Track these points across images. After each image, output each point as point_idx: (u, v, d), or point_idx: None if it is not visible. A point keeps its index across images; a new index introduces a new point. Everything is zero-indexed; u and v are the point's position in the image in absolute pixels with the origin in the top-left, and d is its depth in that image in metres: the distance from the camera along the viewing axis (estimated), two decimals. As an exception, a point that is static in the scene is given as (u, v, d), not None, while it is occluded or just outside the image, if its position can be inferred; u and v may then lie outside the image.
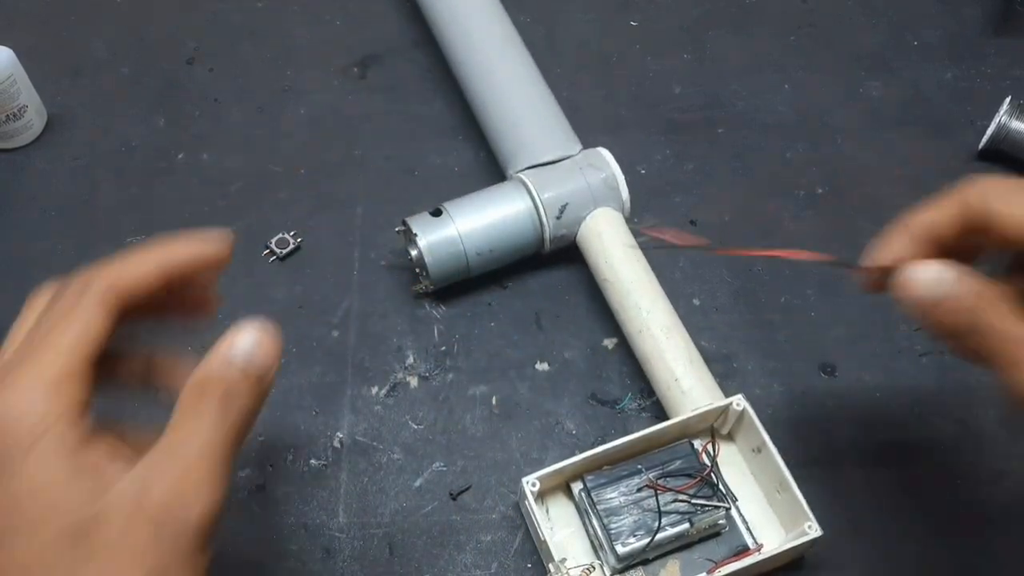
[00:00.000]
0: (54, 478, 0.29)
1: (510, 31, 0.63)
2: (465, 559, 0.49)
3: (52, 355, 0.31)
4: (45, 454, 0.30)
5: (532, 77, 0.61)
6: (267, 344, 0.33)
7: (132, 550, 0.29)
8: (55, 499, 0.29)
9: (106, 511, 0.29)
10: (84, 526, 0.29)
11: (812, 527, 0.45)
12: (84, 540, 0.29)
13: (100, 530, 0.29)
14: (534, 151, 0.57)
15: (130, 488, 0.30)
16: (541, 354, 0.55)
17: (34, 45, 0.68)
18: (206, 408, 0.32)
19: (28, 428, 0.30)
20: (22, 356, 0.32)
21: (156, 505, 0.30)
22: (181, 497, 0.30)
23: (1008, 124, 0.62)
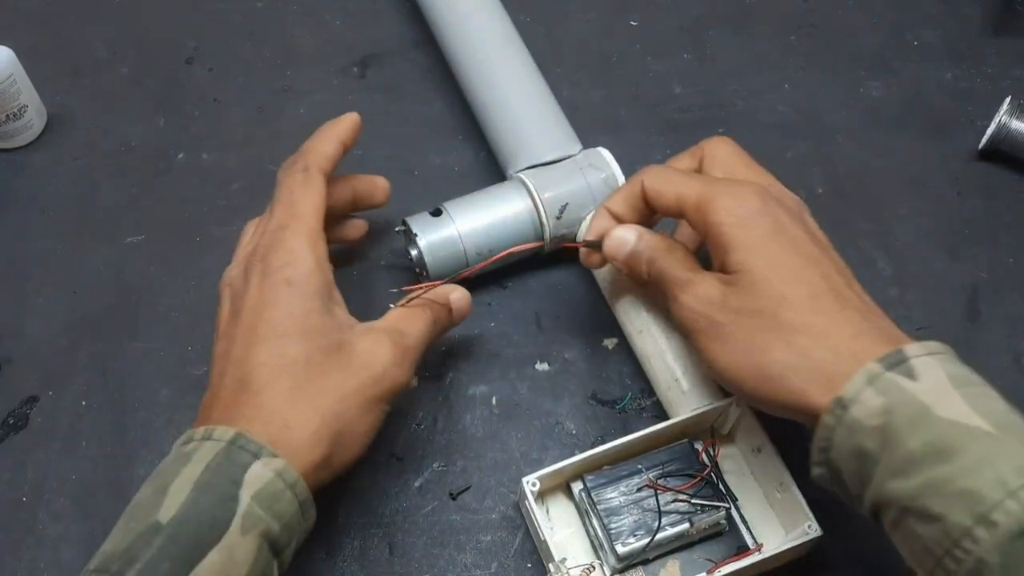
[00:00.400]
0: (318, 307, 0.44)
1: (510, 31, 0.63)
2: (465, 559, 0.49)
3: (304, 219, 0.46)
4: (313, 293, 0.44)
5: (532, 77, 0.61)
6: (466, 301, 0.50)
7: (369, 376, 0.43)
8: (317, 323, 0.44)
9: (353, 344, 0.44)
10: (337, 345, 0.44)
11: (812, 527, 0.45)
12: (337, 354, 0.43)
13: (348, 354, 0.44)
14: (534, 151, 0.57)
15: (368, 336, 0.45)
16: (541, 354, 0.55)
17: (34, 45, 0.68)
18: (425, 320, 0.47)
19: (308, 275, 0.44)
20: (283, 222, 0.46)
21: (385, 359, 0.44)
22: (398, 364, 0.45)
23: (1008, 124, 0.62)
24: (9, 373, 0.55)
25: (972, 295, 0.58)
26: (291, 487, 0.40)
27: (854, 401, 0.38)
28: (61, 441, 0.52)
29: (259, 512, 0.39)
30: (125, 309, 0.58)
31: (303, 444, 0.41)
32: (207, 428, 0.41)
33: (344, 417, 0.42)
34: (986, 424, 0.36)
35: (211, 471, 0.39)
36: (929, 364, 0.38)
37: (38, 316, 0.57)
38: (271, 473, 0.39)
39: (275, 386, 0.42)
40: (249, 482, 0.39)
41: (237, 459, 0.39)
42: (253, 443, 0.40)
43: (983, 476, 0.35)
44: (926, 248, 0.60)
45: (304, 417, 0.41)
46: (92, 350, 0.56)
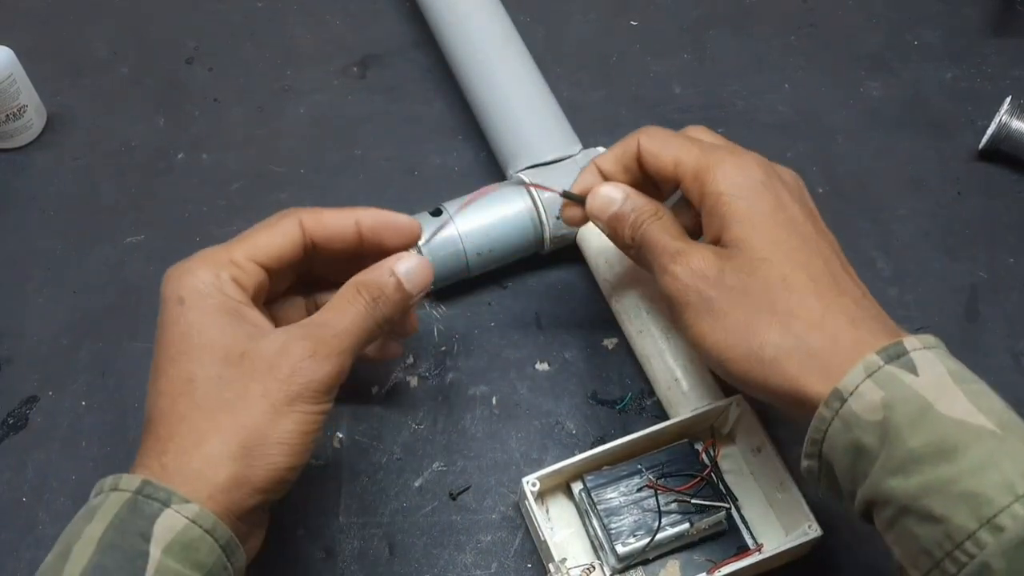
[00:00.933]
0: (216, 322, 0.40)
1: (510, 31, 0.63)
2: (465, 559, 0.49)
3: (242, 245, 0.42)
4: (211, 308, 0.40)
5: (532, 77, 0.61)
6: (424, 271, 0.44)
7: (274, 378, 0.39)
8: (216, 336, 0.39)
9: (258, 348, 0.39)
10: (239, 354, 0.39)
11: (812, 527, 0.45)
12: (238, 363, 0.39)
13: (251, 359, 0.39)
14: (534, 151, 0.57)
15: (280, 337, 0.40)
16: (541, 354, 0.55)
17: (34, 45, 0.68)
18: (358, 301, 0.42)
19: (202, 290, 0.40)
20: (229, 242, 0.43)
21: (295, 355, 0.39)
22: (313, 358, 0.39)
23: (1008, 124, 0.62)
24: (9, 373, 0.55)
25: (971, 295, 0.58)
26: (210, 532, 0.37)
27: (852, 394, 0.37)
28: (61, 441, 0.52)
29: (174, 566, 0.35)
30: (125, 309, 0.58)
31: (209, 466, 0.37)
32: (115, 477, 0.38)
33: (251, 427, 0.38)
34: (989, 423, 0.35)
35: (115, 528, 0.36)
36: (929, 358, 0.37)
37: (38, 316, 0.57)
38: (184, 521, 0.36)
39: (172, 413, 0.39)
40: (159, 535, 0.35)
41: (144, 511, 0.36)
42: (162, 490, 0.36)
43: (989, 478, 0.33)
44: (926, 248, 0.60)
45: (201, 438, 0.38)
46: (92, 350, 0.56)
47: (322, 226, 0.44)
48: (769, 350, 0.39)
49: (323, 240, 0.44)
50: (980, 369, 0.39)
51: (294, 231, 0.43)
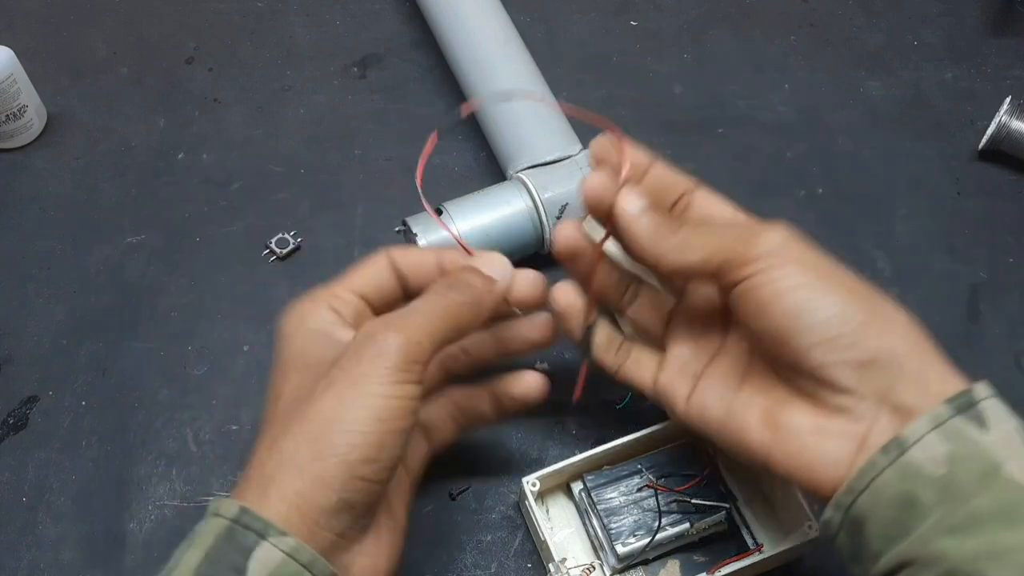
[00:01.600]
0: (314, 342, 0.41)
1: (510, 32, 0.63)
2: (465, 559, 0.49)
3: (341, 281, 0.44)
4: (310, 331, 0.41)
5: (532, 77, 0.61)
6: (502, 262, 0.45)
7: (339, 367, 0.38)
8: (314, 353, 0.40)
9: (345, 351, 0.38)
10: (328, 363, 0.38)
11: (812, 527, 0.45)
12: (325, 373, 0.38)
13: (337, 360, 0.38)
14: (534, 151, 0.57)
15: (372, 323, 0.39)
16: (541, 354, 0.55)
17: (34, 45, 0.68)
18: (432, 288, 0.42)
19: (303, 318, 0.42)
20: (334, 284, 0.44)
21: (358, 339, 0.39)
22: (375, 336, 0.38)
23: (1008, 124, 0.62)
24: (9, 373, 0.55)
25: (972, 295, 0.58)
26: (307, 567, 0.35)
27: (916, 444, 0.34)
28: (61, 441, 0.52)
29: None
30: (125, 309, 0.58)
31: (279, 472, 0.36)
32: (217, 500, 0.36)
33: (316, 420, 0.37)
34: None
35: (210, 560, 0.34)
36: (998, 411, 0.35)
37: (38, 316, 0.57)
38: (280, 556, 0.34)
39: (263, 434, 0.38)
40: (255, 569, 0.34)
41: (241, 542, 0.35)
42: (259, 520, 0.35)
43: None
44: (926, 248, 0.60)
45: (277, 441, 0.37)
46: (92, 350, 0.56)
47: (407, 259, 0.44)
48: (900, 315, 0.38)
49: (409, 272, 0.44)
50: (980, 369, 0.38)
51: (383, 261, 0.44)
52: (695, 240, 0.40)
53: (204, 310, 0.57)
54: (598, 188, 0.42)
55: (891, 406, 0.36)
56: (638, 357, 0.47)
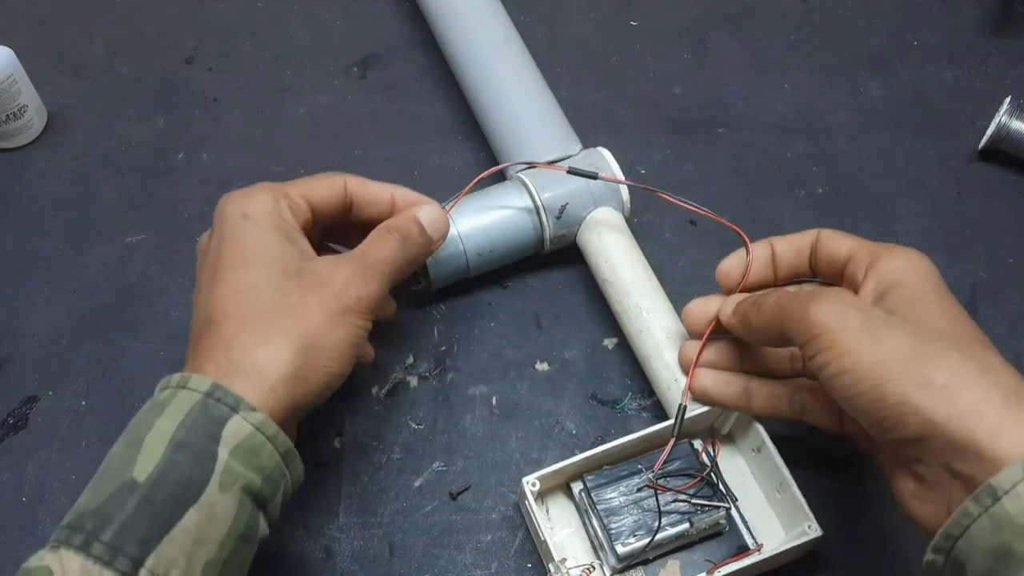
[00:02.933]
0: (277, 239, 0.44)
1: (510, 31, 0.63)
2: (465, 559, 0.49)
3: (296, 185, 0.48)
4: (271, 226, 0.44)
5: (532, 77, 0.61)
6: (442, 219, 0.49)
7: (329, 292, 0.43)
8: (276, 251, 0.44)
9: (312, 267, 0.44)
10: (296, 270, 0.43)
11: (812, 527, 0.45)
12: (296, 276, 0.43)
13: (307, 275, 0.43)
14: (534, 151, 0.57)
15: (329, 260, 0.45)
16: (541, 354, 0.55)
17: (34, 45, 0.68)
18: (389, 240, 0.47)
19: (265, 210, 0.45)
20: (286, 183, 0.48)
21: (345, 274, 0.44)
22: (361, 277, 0.44)
23: (1008, 124, 0.62)
24: (9, 373, 0.55)
25: (972, 295, 0.58)
26: (271, 440, 0.39)
27: (1008, 493, 0.33)
28: (61, 441, 0.52)
29: (238, 468, 0.38)
30: (125, 309, 0.58)
31: (272, 361, 0.41)
32: (183, 375, 0.40)
33: (312, 331, 0.42)
34: None
35: (187, 427, 0.38)
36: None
37: (38, 316, 0.57)
38: (249, 427, 0.39)
39: (236, 314, 0.42)
40: (227, 438, 0.38)
41: (214, 414, 0.39)
42: (230, 395, 0.39)
43: None
44: (926, 248, 0.59)
45: (266, 337, 0.41)
46: (92, 350, 0.56)
47: (365, 189, 0.49)
48: (943, 375, 0.36)
49: (361, 201, 0.49)
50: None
51: (340, 186, 0.49)
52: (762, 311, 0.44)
53: (204, 310, 0.57)
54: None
55: (953, 474, 0.36)
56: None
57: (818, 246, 0.46)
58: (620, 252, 0.54)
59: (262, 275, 0.43)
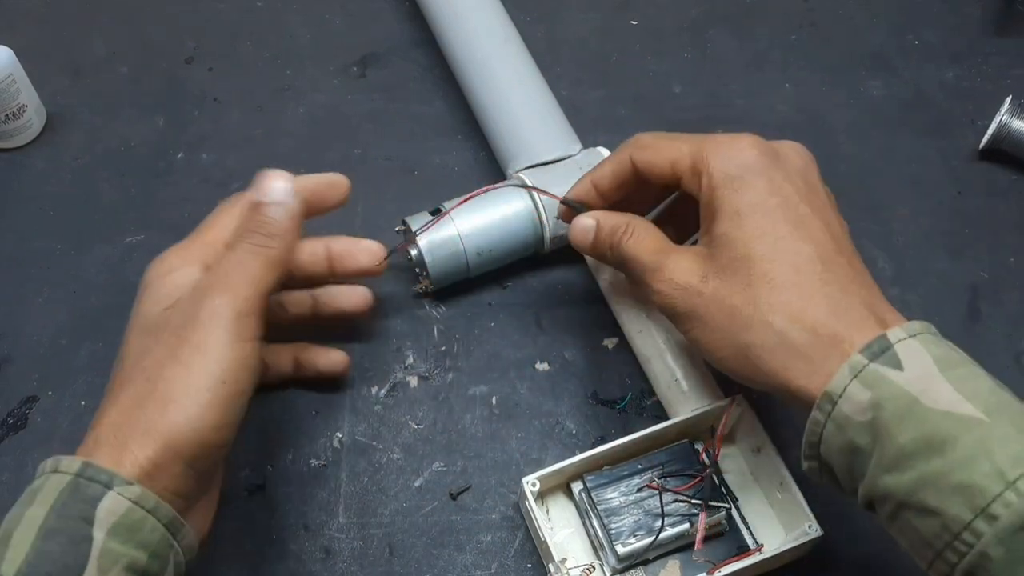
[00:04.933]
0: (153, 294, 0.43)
1: (510, 31, 0.63)
2: (465, 559, 0.49)
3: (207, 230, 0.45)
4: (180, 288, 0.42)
5: (532, 77, 0.61)
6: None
7: (171, 328, 0.40)
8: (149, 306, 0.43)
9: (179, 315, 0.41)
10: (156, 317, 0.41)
11: (812, 527, 0.45)
12: (152, 329, 0.41)
13: (160, 318, 0.41)
14: (534, 151, 0.57)
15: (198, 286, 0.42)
16: (541, 354, 0.55)
17: (34, 45, 0.68)
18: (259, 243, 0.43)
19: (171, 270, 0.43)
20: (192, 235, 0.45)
21: (183, 302, 0.41)
22: (206, 297, 0.41)
23: (1009, 124, 0.62)
24: (9, 373, 0.55)
25: (972, 295, 0.58)
26: (152, 512, 0.37)
27: (841, 396, 0.37)
28: (61, 441, 0.52)
29: (118, 547, 0.36)
30: (125, 309, 0.57)
31: (130, 428, 0.38)
32: (55, 459, 0.38)
33: (159, 381, 0.39)
34: (976, 411, 0.35)
35: (57, 512, 0.36)
36: (913, 349, 0.37)
37: (37, 316, 0.57)
38: (127, 503, 0.36)
39: (108, 390, 0.40)
40: (102, 518, 0.36)
41: (86, 493, 0.36)
42: (104, 472, 0.36)
43: (979, 468, 0.34)
44: (926, 248, 0.60)
45: (124, 401, 0.39)
46: (91, 350, 0.56)
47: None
48: (754, 349, 0.40)
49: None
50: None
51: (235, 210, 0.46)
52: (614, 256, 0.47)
53: (204, 310, 0.57)
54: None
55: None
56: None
57: (639, 171, 0.46)
58: None
59: (128, 341, 0.42)
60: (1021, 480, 0.33)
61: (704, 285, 0.42)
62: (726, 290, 0.41)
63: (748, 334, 0.40)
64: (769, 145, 0.44)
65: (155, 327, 0.41)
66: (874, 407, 0.37)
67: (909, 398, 0.36)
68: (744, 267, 0.41)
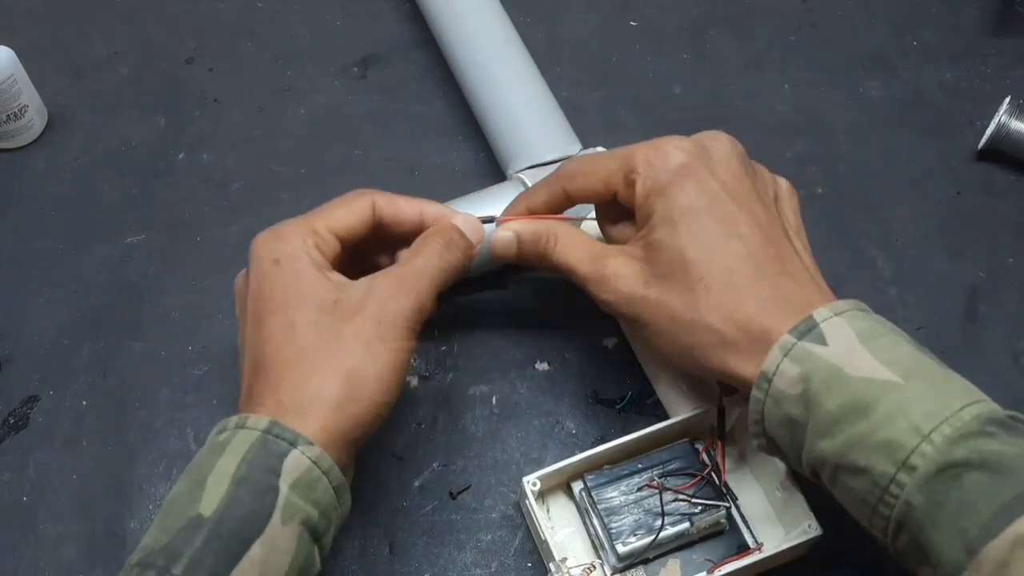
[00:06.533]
0: (308, 278, 0.44)
1: (510, 31, 0.63)
2: (465, 559, 0.49)
3: (323, 217, 0.46)
4: (301, 268, 0.44)
5: (532, 77, 0.62)
6: (478, 226, 0.49)
7: (364, 318, 0.43)
8: (309, 289, 0.44)
9: (347, 295, 0.44)
10: (332, 302, 0.43)
11: (812, 526, 0.45)
12: (332, 310, 0.43)
13: (342, 305, 0.43)
14: (534, 151, 0.57)
15: (365, 282, 0.44)
16: (541, 354, 0.55)
17: (34, 45, 0.68)
18: (430, 247, 0.47)
19: (293, 253, 0.45)
20: (310, 214, 0.47)
21: (380, 294, 0.44)
22: (395, 296, 0.44)
23: (1008, 124, 0.62)
24: (9, 373, 0.55)
25: (971, 295, 0.58)
26: (326, 474, 0.40)
27: (775, 374, 0.40)
28: (62, 441, 0.52)
29: (297, 502, 0.39)
30: (125, 309, 0.58)
31: (315, 404, 0.41)
32: (240, 416, 0.41)
33: (350, 366, 0.42)
34: (894, 375, 0.38)
35: (248, 463, 0.39)
36: (837, 325, 0.40)
37: (38, 316, 0.57)
38: (307, 462, 0.40)
39: (278, 358, 0.42)
40: (287, 472, 0.39)
41: (273, 449, 0.40)
42: (288, 431, 0.40)
43: (897, 425, 0.37)
44: (926, 248, 0.60)
45: (308, 377, 0.42)
46: (92, 350, 0.56)
47: (394, 209, 0.48)
48: (696, 350, 0.43)
49: (390, 221, 0.48)
50: (979, 369, 0.39)
51: (367, 210, 0.47)
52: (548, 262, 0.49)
53: (204, 310, 0.57)
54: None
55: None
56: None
57: (575, 199, 0.49)
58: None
59: (298, 316, 0.43)
60: (935, 432, 0.36)
61: (647, 291, 0.44)
62: (666, 295, 0.44)
63: (690, 336, 0.43)
64: (694, 141, 0.46)
65: (310, 301, 0.43)
66: (804, 380, 0.39)
67: (834, 368, 0.39)
68: (681, 271, 0.43)
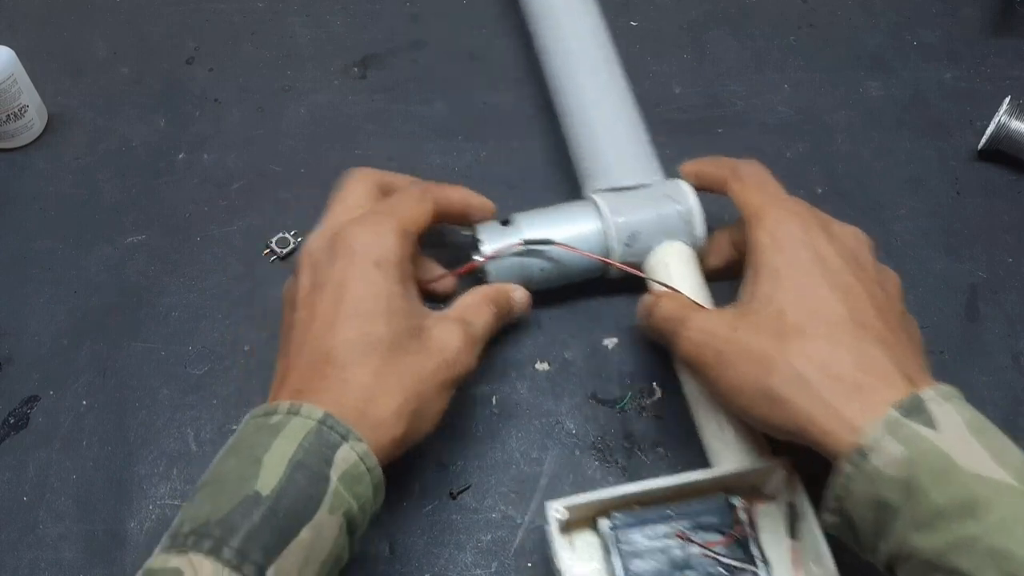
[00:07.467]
0: (400, 293, 0.46)
1: (611, 50, 0.62)
2: (465, 558, 0.49)
3: (408, 216, 0.48)
4: (398, 278, 0.46)
5: (624, 99, 0.60)
6: (526, 300, 0.53)
7: (444, 361, 0.45)
8: (400, 305, 0.45)
9: (430, 329, 0.46)
10: (418, 328, 0.46)
11: None
12: (417, 336, 0.45)
13: (426, 337, 0.46)
14: (612, 174, 0.56)
15: (442, 325, 0.47)
16: (541, 354, 0.56)
17: (34, 45, 0.68)
18: (490, 310, 0.50)
19: (394, 261, 0.46)
20: (381, 212, 0.48)
21: (456, 345, 0.46)
22: (465, 350, 0.47)
23: (1008, 124, 0.62)
24: (9, 373, 0.55)
25: (971, 295, 0.58)
26: (370, 471, 0.41)
27: (874, 450, 0.37)
28: (62, 441, 0.52)
29: (344, 493, 0.40)
30: (125, 309, 0.58)
31: (385, 422, 0.42)
32: (293, 403, 0.41)
33: (422, 397, 0.44)
34: (1010, 477, 0.35)
35: (305, 449, 0.40)
36: (947, 411, 0.38)
37: (38, 316, 0.57)
38: (355, 456, 0.41)
39: (361, 363, 0.43)
40: (337, 463, 0.40)
41: (328, 439, 0.40)
42: (341, 425, 0.41)
43: (1014, 535, 0.34)
44: (926, 248, 0.60)
45: (388, 395, 0.43)
46: (92, 350, 0.56)
47: (447, 201, 0.51)
48: (775, 390, 0.41)
49: (442, 213, 0.51)
50: (980, 369, 0.38)
51: (432, 208, 0.50)
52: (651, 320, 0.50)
53: (204, 310, 0.57)
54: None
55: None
56: None
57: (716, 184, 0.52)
58: (686, 287, 0.51)
59: (388, 330, 0.44)
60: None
61: (733, 333, 0.43)
62: (755, 339, 0.42)
63: (772, 377, 0.41)
64: (822, 221, 0.46)
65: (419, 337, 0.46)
66: (908, 464, 0.37)
67: (945, 458, 0.36)
68: (777, 320, 0.42)
